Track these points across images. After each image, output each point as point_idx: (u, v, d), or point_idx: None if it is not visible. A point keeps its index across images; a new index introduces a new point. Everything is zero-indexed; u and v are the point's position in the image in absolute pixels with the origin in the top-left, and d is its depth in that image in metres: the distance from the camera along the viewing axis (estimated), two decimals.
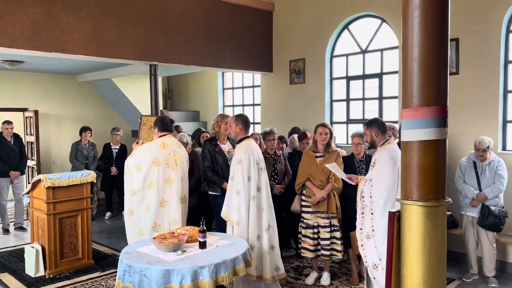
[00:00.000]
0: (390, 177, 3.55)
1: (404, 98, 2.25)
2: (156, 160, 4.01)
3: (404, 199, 2.29)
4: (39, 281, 4.74)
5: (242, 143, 4.10)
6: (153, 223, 4.02)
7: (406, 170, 2.25)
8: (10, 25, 4.65)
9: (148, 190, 4.00)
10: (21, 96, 8.23)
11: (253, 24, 7.24)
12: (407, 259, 2.26)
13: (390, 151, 3.64)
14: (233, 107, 9.14)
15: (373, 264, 3.55)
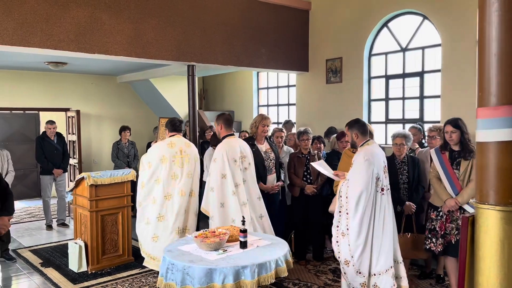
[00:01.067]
0: (364, 178, 3.59)
1: (481, 96, 2.12)
2: (163, 158, 4.48)
3: (480, 203, 2.15)
4: (82, 276, 4.87)
5: (223, 141, 4.31)
6: (158, 213, 4.53)
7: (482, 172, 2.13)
8: (56, 28, 4.81)
9: (155, 184, 4.51)
10: (64, 96, 8.52)
11: (289, 23, 7.20)
12: (483, 267, 2.14)
13: (366, 153, 3.67)
14: (268, 107, 9.12)
15: (345, 260, 3.65)
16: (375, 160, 3.63)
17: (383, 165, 3.72)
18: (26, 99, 8.16)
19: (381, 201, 3.65)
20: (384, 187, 3.69)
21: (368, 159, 3.62)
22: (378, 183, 3.64)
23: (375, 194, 3.62)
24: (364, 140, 3.82)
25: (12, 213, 3.04)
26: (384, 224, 3.65)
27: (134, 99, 9.42)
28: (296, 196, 5.16)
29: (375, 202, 3.62)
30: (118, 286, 4.60)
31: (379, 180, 3.64)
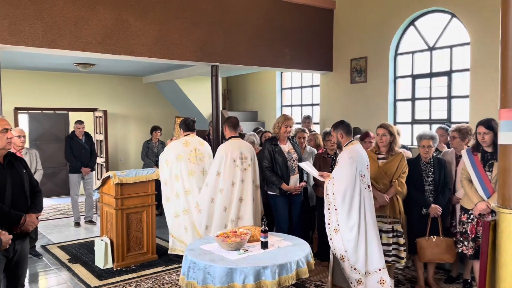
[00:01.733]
0: (348, 175, 3.75)
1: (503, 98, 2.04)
2: (179, 156, 4.86)
3: (502, 207, 2.08)
4: (108, 273, 4.98)
5: (226, 142, 4.68)
6: (183, 208, 4.88)
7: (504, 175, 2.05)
8: (84, 30, 4.93)
9: (174, 181, 4.90)
10: (92, 96, 8.74)
11: (313, 23, 7.16)
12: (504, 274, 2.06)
13: (350, 151, 3.85)
14: (291, 107, 9.09)
15: (341, 256, 3.78)
16: (359, 158, 3.80)
17: (366, 163, 3.87)
18: (56, 100, 8.41)
19: (370, 198, 3.82)
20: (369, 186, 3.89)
21: (351, 157, 3.79)
22: (364, 180, 3.79)
23: (363, 190, 3.76)
24: (349, 140, 4.00)
25: (40, 210, 3.13)
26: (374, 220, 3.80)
27: (159, 100, 9.56)
28: (321, 197, 5.12)
29: (364, 198, 3.74)
30: (142, 283, 4.68)
31: (364, 177, 3.79)
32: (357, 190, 3.73)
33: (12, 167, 2.99)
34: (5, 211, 2.84)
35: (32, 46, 4.63)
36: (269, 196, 4.76)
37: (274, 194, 4.66)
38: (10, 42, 4.49)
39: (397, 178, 4.17)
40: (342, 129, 4.00)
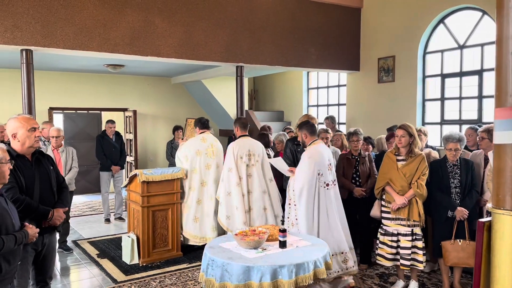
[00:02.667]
0: (306, 174, 4.02)
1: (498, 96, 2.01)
2: (198, 151, 5.36)
3: (496, 208, 2.05)
4: (134, 268, 5.12)
5: (236, 140, 5.14)
6: (197, 198, 5.38)
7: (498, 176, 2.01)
8: (112, 32, 5.09)
9: (193, 174, 5.36)
10: (122, 97, 8.98)
11: (340, 22, 7.10)
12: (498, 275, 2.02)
13: (310, 151, 4.10)
14: (318, 107, 9.04)
15: None
16: (318, 158, 4.06)
17: (327, 163, 4.12)
18: (89, 100, 8.69)
19: (325, 195, 4.08)
20: (330, 182, 4.13)
21: (310, 157, 4.04)
22: (321, 178, 4.06)
23: (319, 188, 4.04)
24: (312, 140, 4.20)
25: (66, 205, 3.26)
26: (328, 215, 4.08)
27: (187, 100, 9.72)
28: (344, 198, 5.08)
29: (319, 195, 4.05)
30: (166, 280, 4.78)
31: (322, 176, 4.06)
32: (313, 188, 3.99)
33: (40, 164, 3.12)
34: (34, 207, 2.98)
35: (63, 48, 4.82)
36: None
37: None
38: (42, 44, 4.69)
39: (417, 180, 4.08)
40: (306, 130, 4.21)
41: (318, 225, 4.02)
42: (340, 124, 8.46)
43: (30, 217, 2.98)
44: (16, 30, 4.54)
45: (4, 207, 2.50)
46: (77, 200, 9.24)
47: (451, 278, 4.36)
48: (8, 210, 2.52)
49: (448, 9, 6.10)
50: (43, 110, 8.06)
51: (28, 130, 3.00)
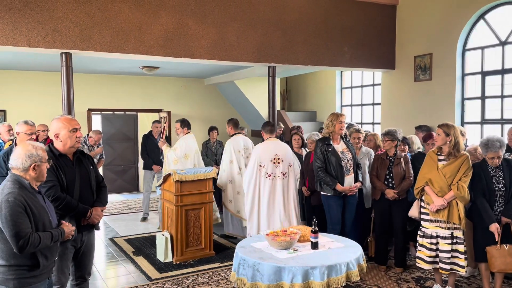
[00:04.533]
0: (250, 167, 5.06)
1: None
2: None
3: None
4: (167, 266, 5.20)
5: (231, 138, 6.15)
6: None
7: None
8: (147, 35, 5.20)
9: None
10: (157, 98, 9.17)
11: (374, 20, 6.96)
12: None
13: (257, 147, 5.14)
14: (351, 107, 8.90)
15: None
16: (261, 152, 5.00)
17: (271, 156, 4.98)
18: (125, 101, 8.93)
19: (265, 184, 4.98)
20: (271, 173, 4.97)
21: (253, 152, 5.10)
22: (262, 169, 4.98)
23: (261, 177, 4.99)
24: (267, 137, 5.14)
25: (105, 204, 3.35)
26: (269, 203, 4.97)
27: (220, 101, 9.80)
28: (377, 199, 4.98)
29: (260, 183, 4.99)
30: (199, 278, 4.84)
31: (263, 167, 4.98)
32: (253, 177, 5.01)
33: (81, 164, 3.22)
34: (74, 205, 3.08)
35: (100, 51, 4.96)
36: (322, 197, 4.70)
37: (327, 194, 4.60)
38: (81, 47, 4.85)
39: (458, 181, 3.93)
40: (264, 129, 5.17)
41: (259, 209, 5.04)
42: (375, 124, 8.29)
43: (69, 215, 3.08)
44: (56, 34, 4.72)
45: (41, 205, 2.59)
46: (114, 198, 9.51)
47: (492, 284, 4.18)
48: (45, 208, 2.62)
49: (489, 5, 5.86)
50: (82, 111, 8.35)
51: (70, 131, 3.10)
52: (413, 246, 5.31)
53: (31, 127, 4.10)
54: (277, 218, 4.97)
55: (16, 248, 2.40)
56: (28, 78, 7.92)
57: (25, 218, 2.43)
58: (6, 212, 2.39)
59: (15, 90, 7.85)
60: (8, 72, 7.77)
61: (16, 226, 2.38)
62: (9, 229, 2.38)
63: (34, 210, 2.50)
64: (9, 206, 2.39)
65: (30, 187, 2.56)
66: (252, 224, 5.08)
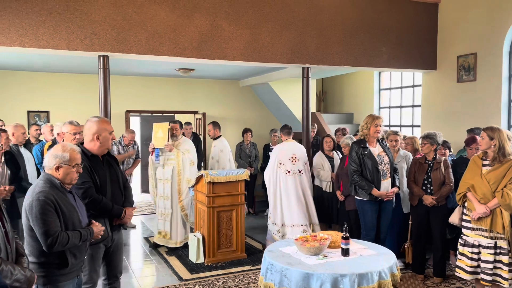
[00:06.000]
0: (270, 165, 5.66)
1: None
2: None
3: None
4: (199, 267, 5.22)
5: (219, 139, 6.74)
6: None
7: None
8: (181, 37, 5.24)
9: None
10: (192, 100, 9.26)
11: (415, 19, 6.70)
12: None
13: (277, 147, 5.79)
14: (390, 109, 8.63)
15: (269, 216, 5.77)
16: (280, 151, 5.62)
17: (288, 155, 5.56)
18: (163, 103, 9.08)
19: (285, 180, 5.53)
20: (291, 170, 5.54)
21: (273, 152, 5.77)
22: (281, 166, 5.54)
23: (281, 173, 5.54)
24: (285, 138, 5.75)
25: (133, 204, 3.39)
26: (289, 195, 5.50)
27: (255, 102, 9.78)
28: (414, 205, 4.77)
29: (280, 178, 5.54)
30: (229, 280, 4.81)
31: (282, 165, 5.53)
32: (274, 174, 5.56)
33: (110, 165, 3.27)
34: (110, 207, 3.12)
35: (136, 53, 5.05)
36: (357, 201, 4.55)
37: (362, 199, 4.44)
38: (117, 50, 4.96)
39: (503, 188, 3.68)
40: (282, 131, 5.81)
41: (281, 201, 5.54)
42: (414, 126, 8.00)
43: (103, 215, 3.12)
44: (94, 37, 4.85)
45: (72, 204, 2.63)
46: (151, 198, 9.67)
47: None
48: (76, 207, 2.66)
49: None
50: (120, 112, 8.57)
51: (109, 133, 3.18)
52: (454, 255, 5.04)
53: (75, 127, 4.20)
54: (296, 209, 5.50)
55: (45, 246, 2.45)
56: (69, 80, 8.21)
57: (54, 217, 2.48)
58: (36, 210, 2.44)
59: (57, 91, 8.16)
60: (51, 74, 8.09)
61: (45, 224, 2.43)
62: (38, 227, 2.43)
63: (64, 209, 2.54)
64: (39, 205, 2.45)
65: (61, 186, 2.60)
66: (276, 213, 5.59)
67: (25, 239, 2.55)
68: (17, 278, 2.03)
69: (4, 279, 1.96)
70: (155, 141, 5.91)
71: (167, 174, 5.85)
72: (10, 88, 7.86)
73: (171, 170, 5.83)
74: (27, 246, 2.54)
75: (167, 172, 5.85)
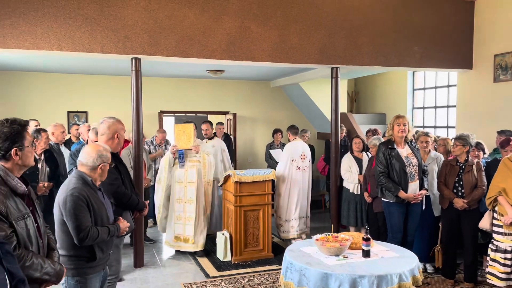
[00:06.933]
0: (283, 162, 6.07)
1: None
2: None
3: None
4: (226, 265, 5.31)
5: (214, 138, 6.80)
6: None
7: None
8: (210, 39, 5.35)
9: None
10: (223, 101, 9.39)
11: (449, 17, 6.52)
12: None
13: (288, 145, 6.23)
14: (424, 109, 8.42)
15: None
16: (292, 149, 6.08)
17: (299, 153, 6.06)
18: (195, 104, 9.26)
19: (296, 175, 6.00)
20: (300, 167, 6.03)
21: (285, 149, 6.18)
22: (293, 163, 6.01)
23: (292, 169, 5.99)
24: (293, 138, 6.22)
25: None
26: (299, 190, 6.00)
27: (285, 103, 9.79)
28: (444, 208, 4.66)
29: (292, 174, 5.99)
30: (255, 279, 4.87)
31: (294, 162, 6.01)
32: (287, 170, 5.98)
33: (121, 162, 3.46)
34: (136, 201, 3.29)
35: (166, 56, 5.20)
36: (383, 203, 4.49)
37: (389, 201, 4.38)
38: (149, 52, 5.13)
39: None
40: (290, 130, 6.30)
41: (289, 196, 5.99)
42: (449, 127, 7.77)
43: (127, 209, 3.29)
44: (127, 40, 5.03)
45: (101, 201, 2.78)
46: None
47: None
48: (104, 204, 2.80)
49: None
50: (154, 113, 8.81)
51: (125, 132, 3.37)
52: (487, 260, 4.88)
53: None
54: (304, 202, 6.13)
55: (76, 240, 2.59)
56: (105, 82, 8.53)
57: (86, 212, 2.62)
58: (70, 205, 2.59)
59: (94, 93, 8.50)
60: (89, 76, 8.43)
61: (78, 219, 2.57)
62: (71, 222, 2.58)
63: (94, 206, 2.69)
64: (73, 200, 2.59)
65: (92, 184, 2.75)
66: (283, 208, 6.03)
67: (56, 233, 2.70)
68: (46, 271, 2.13)
69: (34, 272, 2.07)
70: (180, 143, 5.71)
71: (191, 177, 5.67)
72: (51, 90, 8.26)
73: (195, 172, 5.68)
74: (58, 240, 2.68)
75: (191, 174, 5.67)
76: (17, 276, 1.69)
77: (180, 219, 5.70)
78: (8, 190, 2.05)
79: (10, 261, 1.69)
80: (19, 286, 1.68)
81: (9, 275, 1.62)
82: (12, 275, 1.65)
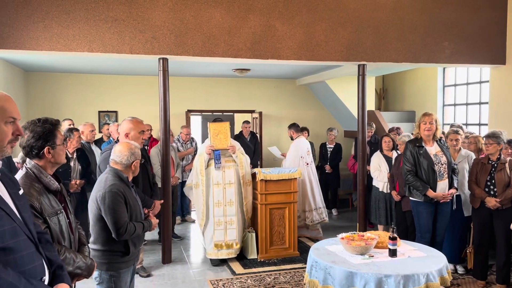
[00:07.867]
0: (291, 158, 6.39)
1: None
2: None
3: None
4: (252, 263, 5.35)
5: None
6: None
7: None
8: (236, 38, 5.39)
9: None
10: (249, 99, 9.42)
11: (481, 11, 6.32)
12: None
13: (295, 142, 6.53)
14: (455, 106, 8.20)
15: None
16: (299, 147, 6.45)
17: (306, 149, 6.46)
18: (221, 102, 9.33)
19: (305, 171, 6.29)
20: (308, 162, 6.43)
21: (293, 146, 6.50)
22: (302, 160, 6.35)
23: (302, 165, 6.27)
24: (297, 135, 6.55)
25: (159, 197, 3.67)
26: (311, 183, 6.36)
27: (312, 101, 9.73)
28: (476, 207, 4.54)
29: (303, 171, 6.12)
30: (281, 277, 4.88)
31: (302, 158, 6.36)
32: (297, 166, 6.07)
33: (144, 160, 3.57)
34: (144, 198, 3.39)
35: (193, 55, 5.27)
36: (411, 202, 4.41)
37: (417, 200, 4.30)
38: (176, 52, 5.21)
39: None
40: (294, 128, 6.60)
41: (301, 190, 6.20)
42: (481, 125, 7.54)
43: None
44: (154, 41, 5.13)
45: (135, 198, 2.86)
46: None
47: None
48: (137, 201, 2.89)
49: None
50: (181, 112, 8.94)
51: (138, 132, 3.46)
52: None
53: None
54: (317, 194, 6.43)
55: (115, 234, 2.67)
56: (134, 82, 8.71)
57: (124, 208, 2.70)
58: (109, 201, 2.66)
59: (124, 92, 8.69)
60: (118, 76, 8.63)
61: (117, 214, 2.65)
62: (110, 217, 2.65)
63: (130, 202, 2.77)
64: (112, 196, 2.67)
65: (127, 180, 2.83)
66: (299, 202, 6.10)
67: (92, 229, 2.79)
68: (78, 265, 2.21)
69: (67, 266, 2.14)
70: (216, 142, 5.41)
71: (230, 177, 5.40)
72: (82, 90, 8.51)
73: (234, 172, 5.44)
74: (94, 235, 2.77)
75: (230, 175, 5.40)
76: (56, 262, 1.77)
77: (221, 224, 5.37)
78: (41, 187, 2.13)
79: (49, 249, 1.78)
80: (58, 271, 1.76)
81: (48, 262, 1.71)
82: (50, 262, 1.74)
